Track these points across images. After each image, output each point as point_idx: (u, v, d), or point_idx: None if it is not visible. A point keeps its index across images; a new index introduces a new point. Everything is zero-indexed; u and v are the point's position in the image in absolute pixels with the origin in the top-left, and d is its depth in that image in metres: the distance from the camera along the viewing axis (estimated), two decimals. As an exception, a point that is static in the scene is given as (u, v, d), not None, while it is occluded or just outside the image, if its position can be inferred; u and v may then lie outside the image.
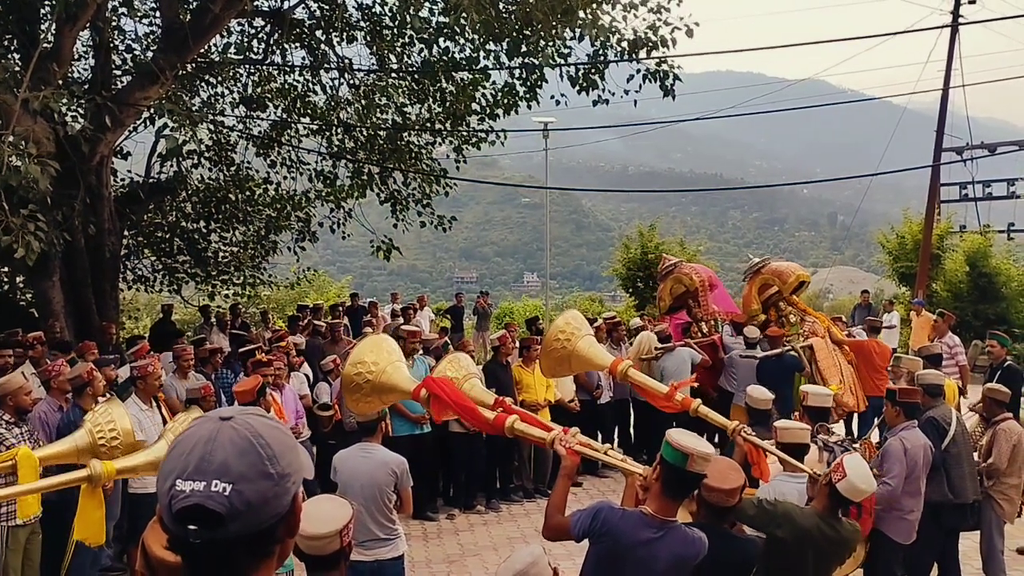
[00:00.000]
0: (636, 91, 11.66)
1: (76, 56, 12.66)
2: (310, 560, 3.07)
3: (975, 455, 7.01)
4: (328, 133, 14.58)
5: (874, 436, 8.30)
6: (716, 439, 10.08)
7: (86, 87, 11.33)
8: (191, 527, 1.31)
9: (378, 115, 13.71)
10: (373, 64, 13.66)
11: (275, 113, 14.90)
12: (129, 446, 4.16)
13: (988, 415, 7.03)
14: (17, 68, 9.05)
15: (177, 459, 1.35)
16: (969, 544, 7.12)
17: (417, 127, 14.31)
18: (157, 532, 2.22)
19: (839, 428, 10.77)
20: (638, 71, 11.68)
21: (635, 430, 11.54)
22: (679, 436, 3.56)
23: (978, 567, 6.99)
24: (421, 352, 9.59)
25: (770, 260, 11.41)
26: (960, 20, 18.86)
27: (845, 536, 4.27)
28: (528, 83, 13.08)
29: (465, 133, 14.44)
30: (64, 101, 9.19)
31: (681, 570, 3.60)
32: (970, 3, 19.03)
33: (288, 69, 14.28)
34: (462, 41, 12.67)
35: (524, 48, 11.93)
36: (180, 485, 1.32)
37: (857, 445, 6.10)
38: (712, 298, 11.61)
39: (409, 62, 13.93)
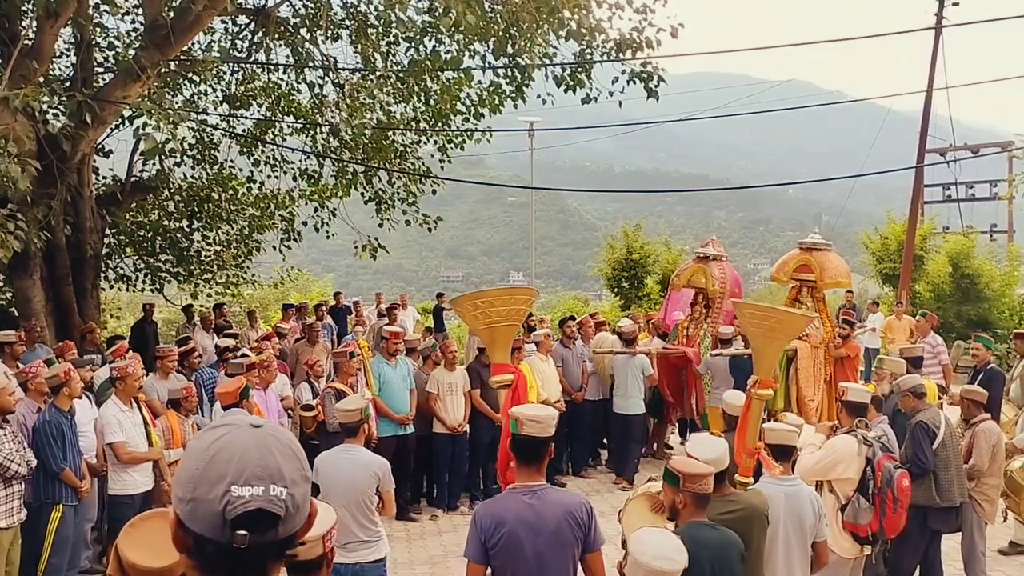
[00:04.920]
0: (621, 92, 11.65)
1: (58, 53, 12.54)
2: (292, 565, 3.04)
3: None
4: (312, 132, 14.51)
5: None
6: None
7: (67, 85, 11.23)
8: (241, 532, 1.32)
9: (363, 114, 13.66)
10: (358, 63, 13.60)
11: (259, 112, 14.81)
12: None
13: (967, 416, 7.08)
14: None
15: (225, 466, 1.35)
16: (951, 545, 7.16)
17: (402, 126, 14.26)
18: (130, 537, 2.18)
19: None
20: (623, 72, 11.68)
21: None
22: (517, 408, 3.89)
23: (959, 568, 7.02)
24: (404, 353, 9.58)
25: (831, 250, 10.96)
26: (944, 22, 18.96)
27: (745, 503, 4.41)
28: (514, 83, 13.06)
29: (450, 132, 14.41)
30: (45, 99, 9.11)
31: (572, 520, 3.69)
32: (954, 5, 19.13)
33: (272, 67, 14.20)
34: (447, 41, 12.62)
35: (511, 48, 11.90)
36: (237, 491, 1.32)
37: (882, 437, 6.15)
38: (729, 307, 11.22)
39: (395, 61, 13.88)
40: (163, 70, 11.48)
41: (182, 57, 12.18)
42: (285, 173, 15.13)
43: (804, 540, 4.71)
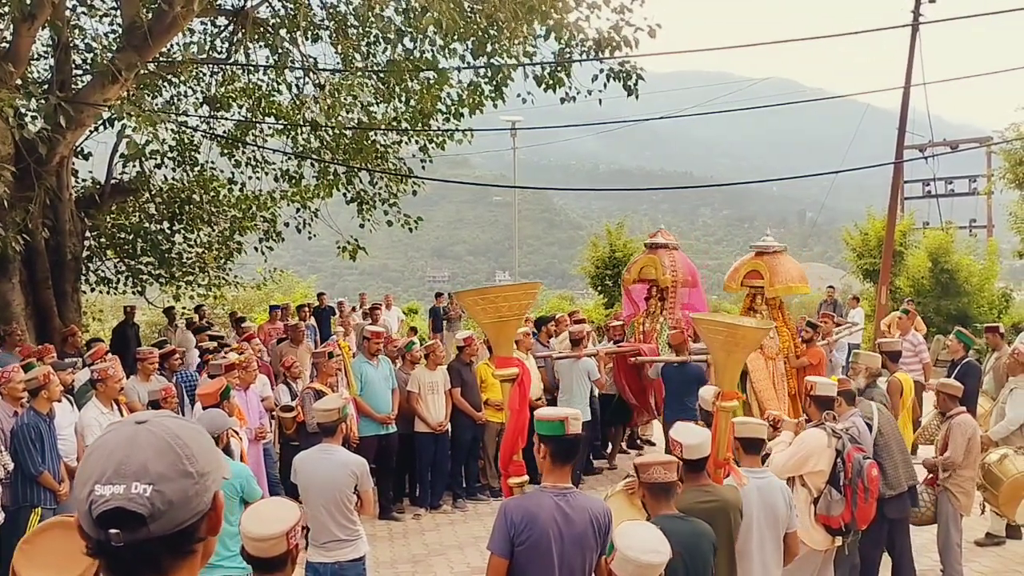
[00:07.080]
0: (600, 91, 11.70)
1: (35, 56, 12.49)
2: (256, 562, 3.08)
3: (932, 448, 7.16)
4: (293, 133, 14.50)
5: None
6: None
7: (45, 87, 11.18)
8: (112, 531, 1.32)
9: (343, 114, 13.66)
10: (338, 63, 13.60)
11: (239, 113, 14.78)
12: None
13: (942, 410, 7.16)
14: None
15: (94, 465, 1.36)
16: (928, 537, 7.24)
17: (383, 127, 14.26)
18: (27, 555, 2.14)
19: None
20: (602, 71, 11.73)
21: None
22: (544, 411, 3.90)
23: (936, 559, 7.09)
24: (384, 353, 9.60)
25: (783, 253, 10.15)
26: (920, 19, 19.09)
27: (719, 495, 4.46)
28: (494, 82, 13.09)
29: (431, 132, 14.42)
30: (21, 102, 9.07)
31: (596, 528, 3.73)
32: (930, 2, 19.25)
33: (252, 68, 14.17)
34: (426, 42, 12.63)
35: (489, 48, 11.93)
36: (99, 490, 1.33)
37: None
38: (685, 297, 10.88)
39: (375, 61, 13.88)
40: (141, 72, 11.45)
41: (161, 59, 12.15)
42: (266, 174, 15.11)
43: (777, 532, 4.76)
